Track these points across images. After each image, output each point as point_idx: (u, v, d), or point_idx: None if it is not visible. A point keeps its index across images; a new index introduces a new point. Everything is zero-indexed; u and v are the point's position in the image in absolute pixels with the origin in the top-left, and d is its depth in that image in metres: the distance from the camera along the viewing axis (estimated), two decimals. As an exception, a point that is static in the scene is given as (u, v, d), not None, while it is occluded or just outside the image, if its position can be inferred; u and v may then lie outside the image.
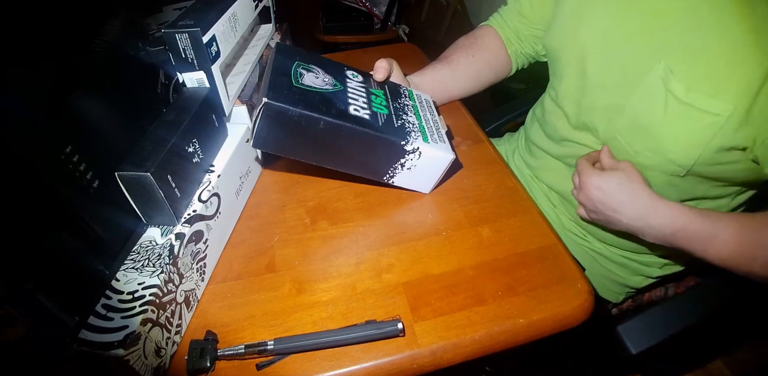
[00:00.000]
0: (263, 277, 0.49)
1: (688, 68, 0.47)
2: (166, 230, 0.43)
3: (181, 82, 0.48)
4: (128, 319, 0.36)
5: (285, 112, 0.44)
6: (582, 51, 0.58)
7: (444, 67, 0.70)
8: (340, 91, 0.51)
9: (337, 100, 0.50)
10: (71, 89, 0.36)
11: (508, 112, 0.90)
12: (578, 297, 0.45)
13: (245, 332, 0.44)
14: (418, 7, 1.96)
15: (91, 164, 0.37)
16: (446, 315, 0.44)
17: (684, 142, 0.48)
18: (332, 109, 0.47)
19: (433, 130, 0.55)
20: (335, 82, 0.53)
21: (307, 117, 0.45)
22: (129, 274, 0.39)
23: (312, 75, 0.51)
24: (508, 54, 0.74)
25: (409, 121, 0.54)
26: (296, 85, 0.48)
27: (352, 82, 0.55)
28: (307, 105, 0.46)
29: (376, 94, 0.55)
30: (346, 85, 0.53)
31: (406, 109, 0.56)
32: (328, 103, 0.48)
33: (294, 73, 0.50)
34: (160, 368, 0.39)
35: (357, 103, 0.51)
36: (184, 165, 0.44)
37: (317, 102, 0.47)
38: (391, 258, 0.50)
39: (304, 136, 0.47)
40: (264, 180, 0.60)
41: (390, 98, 0.56)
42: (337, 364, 0.41)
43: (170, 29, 0.43)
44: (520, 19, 0.71)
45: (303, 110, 0.45)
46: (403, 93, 0.59)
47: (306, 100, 0.46)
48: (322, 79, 0.52)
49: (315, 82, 0.50)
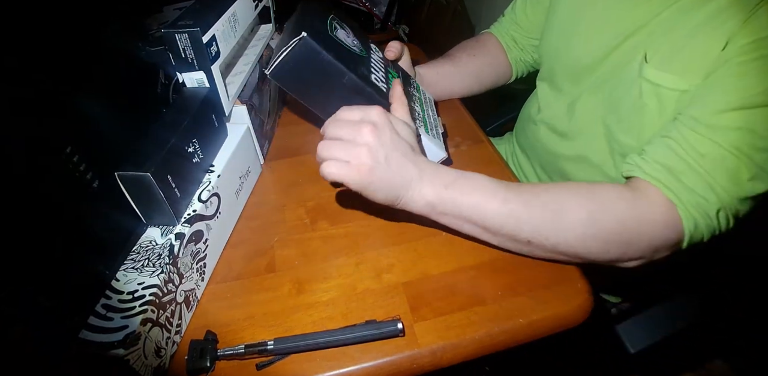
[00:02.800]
0: (263, 277, 0.49)
1: (659, 51, 0.49)
2: (166, 230, 0.43)
3: (180, 82, 0.48)
4: (128, 319, 0.36)
5: (317, 54, 0.44)
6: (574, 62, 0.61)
7: (446, 63, 0.72)
8: (365, 58, 0.52)
9: (362, 64, 0.50)
10: (71, 89, 0.36)
11: (508, 112, 0.90)
12: (578, 297, 0.45)
13: (245, 332, 0.44)
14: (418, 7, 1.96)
15: (91, 164, 0.37)
16: (446, 315, 0.44)
17: (663, 122, 0.49)
18: (358, 70, 0.48)
19: (432, 125, 0.55)
20: (362, 48, 0.53)
21: (335, 67, 0.45)
22: (129, 274, 0.39)
23: (344, 33, 0.51)
24: (509, 60, 0.76)
25: (414, 109, 0.54)
26: (331, 34, 0.48)
27: (374, 54, 0.55)
28: (339, 56, 0.45)
29: (392, 74, 0.55)
30: (370, 54, 0.54)
31: (413, 97, 0.56)
32: (356, 63, 0.48)
33: (330, 25, 0.49)
34: (160, 368, 0.39)
35: (378, 75, 0.51)
36: (184, 165, 0.44)
37: (347, 57, 0.47)
38: (391, 258, 0.50)
39: (322, 83, 0.46)
40: (264, 180, 0.60)
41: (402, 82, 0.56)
42: (337, 364, 0.41)
43: (170, 29, 0.43)
44: (516, 29, 0.75)
45: (334, 59, 0.45)
46: (412, 84, 0.60)
47: (339, 52, 0.46)
48: (352, 40, 0.52)
49: (346, 40, 0.50)
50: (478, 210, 0.43)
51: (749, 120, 0.41)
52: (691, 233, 0.43)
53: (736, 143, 0.41)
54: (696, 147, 0.42)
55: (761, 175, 0.41)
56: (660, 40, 0.50)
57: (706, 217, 0.42)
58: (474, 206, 0.43)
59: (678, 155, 0.43)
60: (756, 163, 0.41)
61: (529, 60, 0.75)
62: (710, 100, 0.43)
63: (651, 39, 0.51)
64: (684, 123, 0.44)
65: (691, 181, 0.42)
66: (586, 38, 0.58)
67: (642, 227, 0.43)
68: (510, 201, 0.42)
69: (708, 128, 0.42)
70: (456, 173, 0.44)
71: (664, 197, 0.42)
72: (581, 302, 0.45)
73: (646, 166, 0.44)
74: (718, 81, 0.44)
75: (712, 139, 0.42)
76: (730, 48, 0.43)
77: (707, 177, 0.42)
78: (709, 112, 0.43)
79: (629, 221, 0.42)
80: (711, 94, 0.44)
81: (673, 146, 0.44)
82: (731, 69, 0.43)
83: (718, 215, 0.42)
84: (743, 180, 0.41)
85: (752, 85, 0.41)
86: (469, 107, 0.73)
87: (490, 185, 0.43)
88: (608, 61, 0.56)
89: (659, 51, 0.49)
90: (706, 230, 0.43)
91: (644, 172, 0.44)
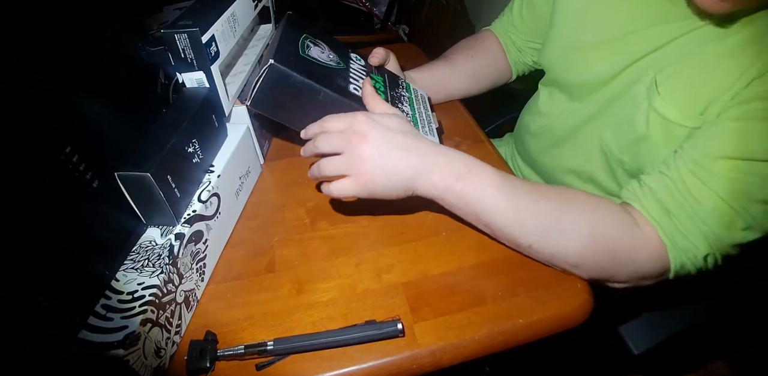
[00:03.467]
0: (263, 277, 0.48)
1: (670, 79, 0.48)
2: (165, 230, 0.43)
3: (180, 83, 0.48)
4: (128, 319, 0.36)
5: (288, 77, 0.45)
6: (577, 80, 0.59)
7: (443, 65, 0.71)
8: (343, 70, 0.52)
9: (339, 77, 0.51)
10: (71, 89, 0.36)
11: (507, 112, 0.90)
12: (578, 298, 0.45)
13: (245, 332, 0.43)
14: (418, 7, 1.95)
15: (91, 164, 0.37)
16: (446, 315, 0.44)
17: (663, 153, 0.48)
18: (333, 83, 0.49)
19: (425, 123, 0.55)
20: (339, 61, 0.54)
21: (308, 86, 0.46)
22: (129, 274, 0.39)
23: (318, 49, 0.52)
24: (508, 60, 0.74)
25: (404, 110, 0.54)
26: (302, 54, 0.49)
27: (354, 64, 0.56)
28: (311, 74, 0.47)
29: (375, 79, 0.56)
30: (348, 65, 0.54)
31: (402, 99, 0.56)
32: (331, 77, 0.49)
33: (301, 44, 0.51)
34: (160, 368, 0.39)
35: (357, 84, 0.52)
36: (184, 165, 0.44)
37: (320, 74, 0.48)
38: (391, 258, 0.50)
39: (301, 104, 0.48)
40: (264, 180, 0.60)
41: (388, 86, 0.57)
42: (337, 364, 0.41)
43: (169, 29, 0.43)
44: (513, 31, 0.73)
45: (306, 79, 0.46)
46: (401, 84, 0.60)
47: (310, 70, 0.47)
48: (327, 55, 0.53)
49: (320, 56, 0.51)
50: (486, 209, 0.43)
51: (749, 171, 0.40)
52: (677, 270, 0.43)
53: (733, 193, 0.40)
54: (693, 192, 0.42)
55: (755, 226, 0.41)
56: (672, 67, 0.48)
57: (694, 259, 0.42)
58: (482, 205, 0.43)
59: (674, 198, 0.43)
60: (751, 214, 0.41)
61: (528, 62, 0.74)
62: (713, 144, 0.42)
63: (662, 64, 0.49)
64: (684, 162, 0.43)
65: (685, 227, 0.42)
66: (594, 56, 0.56)
67: (633, 255, 0.43)
68: (518, 205, 0.42)
69: (707, 174, 0.42)
70: (466, 163, 0.43)
71: (656, 234, 0.43)
72: (581, 302, 0.45)
73: (644, 201, 0.44)
74: (725, 124, 0.42)
75: (710, 186, 0.41)
76: (747, 90, 0.42)
77: (701, 225, 0.41)
78: (710, 156, 0.42)
79: (625, 245, 0.43)
80: (715, 136, 0.43)
81: (671, 187, 0.43)
82: (743, 113, 0.41)
83: (706, 259, 0.43)
84: (737, 229, 0.41)
85: (758, 137, 0.40)
86: (468, 107, 0.73)
87: (501, 183, 0.43)
88: (616, 81, 0.54)
89: (670, 79, 0.48)
90: (693, 268, 0.44)
91: (642, 206, 0.44)
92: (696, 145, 0.44)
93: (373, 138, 0.42)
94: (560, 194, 0.45)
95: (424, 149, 0.43)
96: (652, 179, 0.45)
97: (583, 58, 0.58)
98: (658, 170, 0.45)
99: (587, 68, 0.57)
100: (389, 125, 0.44)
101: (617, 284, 0.46)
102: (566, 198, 0.45)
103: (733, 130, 0.42)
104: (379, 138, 0.42)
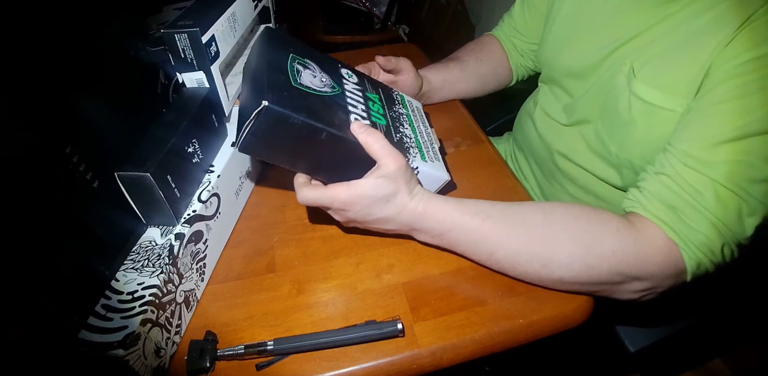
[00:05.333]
0: (263, 277, 0.49)
1: (647, 63, 0.49)
2: (165, 230, 0.43)
3: (180, 83, 0.48)
4: (128, 319, 0.36)
5: (286, 119, 0.39)
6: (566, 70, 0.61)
7: (455, 66, 0.72)
8: (339, 96, 0.47)
9: (338, 107, 0.45)
10: (71, 89, 0.36)
11: (507, 112, 0.90)
12: (578, 298, 0.45)
13: (245, 332, 0.44)
14: (418, 7, 1.96)
15: (91, 164, 0.37)
16: (446, 315, 0.44)
17: (648, 139, 0.49)
18: (335, 118, 0.43)
19: (428, 145, 0.53)
20: (333, 84, 0.48)
21: (309, 126, 0.40)
22: (129, 274, 0.39)
23: (309, 73, 0.46)
24: (510, 64, 0.76)
25: (406, 134, 0.51)
26: (295, 85, 0.43)
27: (348, 83, 0.51)
28: (311, 113, 0.40)
29: (372, 99, 0.51)
30: (343, 87, 0.49)
31: (401, 118, 0.54)
32: (330, 110, 0.43)
33: (291, 70, 0.44)
34: (160, 368, 0.39)
35: (357, 111, 0.47)
36: (184, 165, 0.44)
37: (319, 109, 0.42)
38: (391, 258, 0.50)
39: (300, 145, 0.42)
40: (264, 180, 0.60)
41: (386, 105, 0.53)
42: (337, 364, 0.41)
43: (169, 29, 0.43)
44: (516, 34, 0.75)
45: (306, 119, 0.39)
46: (395, 98, 0.57)
47: (308, 107, 0.41)
48: (320, 78, 0.47)
49: (313, 82, 0.45)
50: (469, 255, 0.47)
51: (744, 151, 0.40)
52: (694, 270, 0.42)
53: (732, 178, 0.40)
54: (692, 184, 0.41)
55: (759, 209, 0.41)
56: (648, 53, 0.49)
57: (711, 254, 0.41)
58: (464, 252, 0.47)
59: (675, 193, 0.42)
60: (754, 196, 0.40)
61: (529, 65, 0.76)
62: (703, 133, 0.42)
63: (639, 49, 0.50)
64: (677, 157, 0.43)
65: (692, 219, 0.41)
66: (579, 47, 0.59)
67: (643, 265, 0.42)
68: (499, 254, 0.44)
69: (702, 164, 0.41)
70: (442, 225, 0.45)
71: (664, 236, 0.41)
72: (581, 302, 0.45)
73: (647, 205, 0.43)
74: (710, 108, 0.42)
75: (708, 175, 0.41)
76: (724, 66, 0.42)
77: (708, 215, 0.40)
78: (702, 146, 0.41)
79: (628, 257, 0.41)
80: (703, 124, 0.42)
81: (669, 184, 0.43)
82: (726, 93, 0.41)
83: (723, 251, 0.41)
84: (744, 216, 0.41)
85: (749, 110, 0.40)
86: (469, 107, 0.73)
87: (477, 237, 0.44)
88: (600, 70, 0.56)
89: (648, 63, 0.49)
90: (711, 265, 0.42)
91: (646, 210, 0.43)
92: (684, 135, 0.44)
93: (353, 215, 0.45)
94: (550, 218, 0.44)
95: (404, 218, 0.45)
96: (650, 183, 0.45)
97: (574, 46, 0.60)
98: (654, 172, 0.45)
99: (576, 55, 0.59)
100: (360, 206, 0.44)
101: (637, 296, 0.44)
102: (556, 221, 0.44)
103: (721, 111, 0.41)
104: (357, 216, 0.45)
